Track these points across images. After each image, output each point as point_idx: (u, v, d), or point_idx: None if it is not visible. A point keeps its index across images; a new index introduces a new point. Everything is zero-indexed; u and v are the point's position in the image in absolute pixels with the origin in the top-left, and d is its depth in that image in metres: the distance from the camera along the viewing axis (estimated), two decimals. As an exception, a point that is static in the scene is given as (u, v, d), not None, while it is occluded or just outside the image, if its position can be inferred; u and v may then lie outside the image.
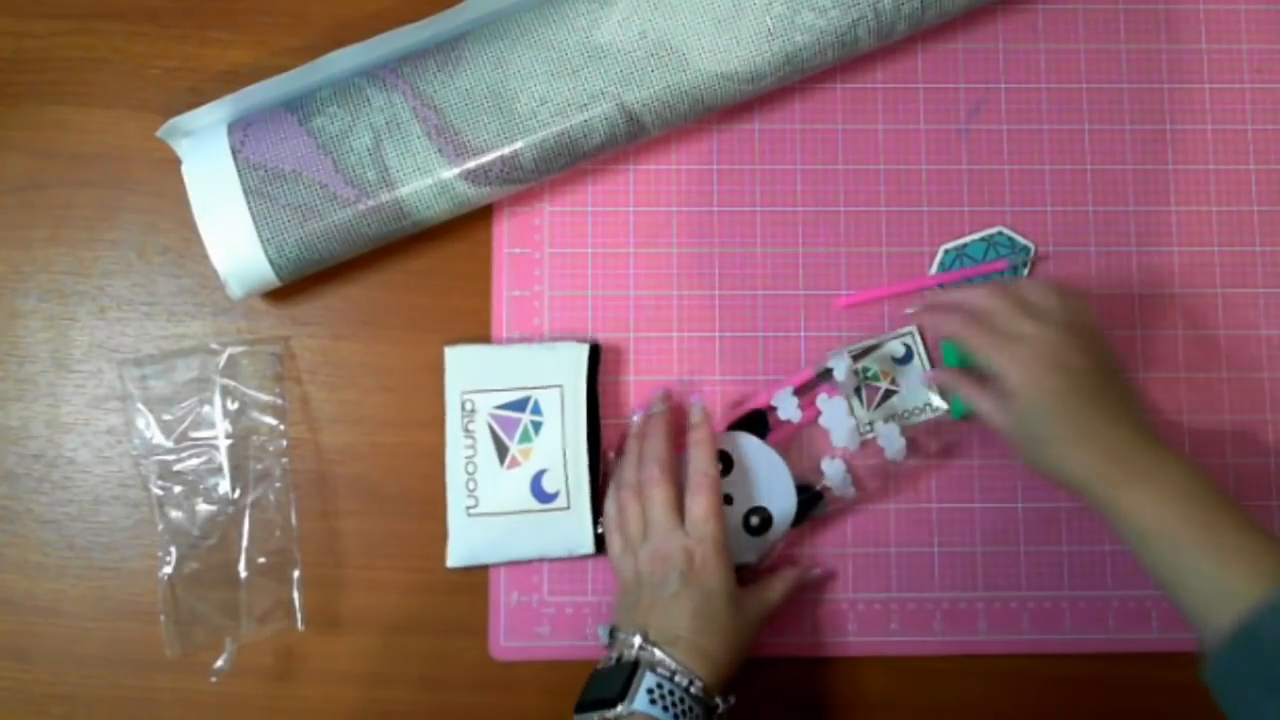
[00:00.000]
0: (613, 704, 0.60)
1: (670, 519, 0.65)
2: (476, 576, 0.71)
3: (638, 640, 0.62)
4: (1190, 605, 0.58)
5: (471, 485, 0.70)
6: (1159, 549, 0.58)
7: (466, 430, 0.70)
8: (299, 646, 0.71)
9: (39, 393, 0.72)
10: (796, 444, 0.71)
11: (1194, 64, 0.76)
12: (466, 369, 0.71)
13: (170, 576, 0.70)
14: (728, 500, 0.68)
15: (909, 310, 0.72)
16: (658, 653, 0.61)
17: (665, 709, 0.59)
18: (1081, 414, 0.61)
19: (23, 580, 0.71)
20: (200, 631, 0.69)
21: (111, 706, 0.70)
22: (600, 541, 0.69)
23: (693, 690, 0.60)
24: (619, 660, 0.62)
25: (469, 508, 0.70)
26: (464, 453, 0.70)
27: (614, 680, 0.61)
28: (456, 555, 0.70)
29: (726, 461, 0.69)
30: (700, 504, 0.65)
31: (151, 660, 0.70)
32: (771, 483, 0.69)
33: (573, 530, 0.69)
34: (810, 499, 0.69)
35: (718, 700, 0.62)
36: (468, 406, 0.70)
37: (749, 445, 0.70)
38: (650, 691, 0.60)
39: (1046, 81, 0.75)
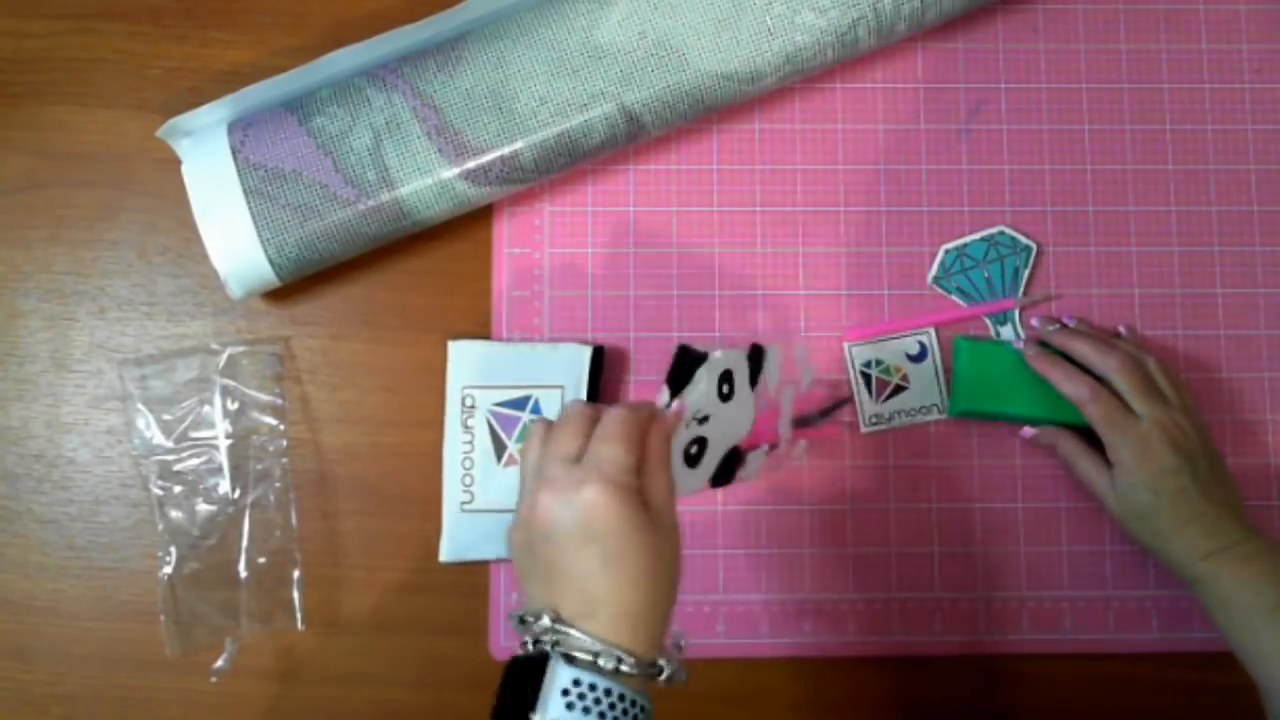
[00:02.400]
0: (524, 717, 0.49)
1: (568, 451, 0.54)
2: (476, 576, 0.71)
3: (547, 621, 0.51)
4: (1270, 682, 0.61)
5: (468, 481, 0.70)
6: (1251, 628, 0.62)
7: (465, 426, 0.70)
8: (299, 646, 0.71)
9: (39, 393, 0.72)
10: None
11: (1194, 64, 0.76)
12: (468, 364, 0.71)
13: (170, 576, 0.70)
14: (702, 421, 0.59)
15: (1046, 329, 0.71)
16: (573, 633, 0.50)
17: (586, 710, 0.49)
18: (1188, 495, 0.65)
19: (23, 580, 0.71)
20: (200, 631, 0.69)
21: (111, 706, 0.70)
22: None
23: (624, 669, 0.50)
24: (532, 650, 0.52)
25: (464, 503, 0.70)
26: (461, 448, 0.70)
27: (523, 683, 0.50)
28: (449, 550, 0.70)
29: (731, 387, 0.60)
30: (602, 428, 0.54)
31: (151, 660, 0.70)
32: (733, 429, 0.61)
33: (573, 530, 0.69)
34: (730, 463, 0.62)
35: (660, 662, 0.51)
36: (468, 402, 0.70)
37: (745, 386, 0.62)
38: (566, 693, 0.49)
39: (1046, 81, 0.75)
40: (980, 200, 0.74)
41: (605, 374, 0.72)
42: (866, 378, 0.72)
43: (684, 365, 0.57)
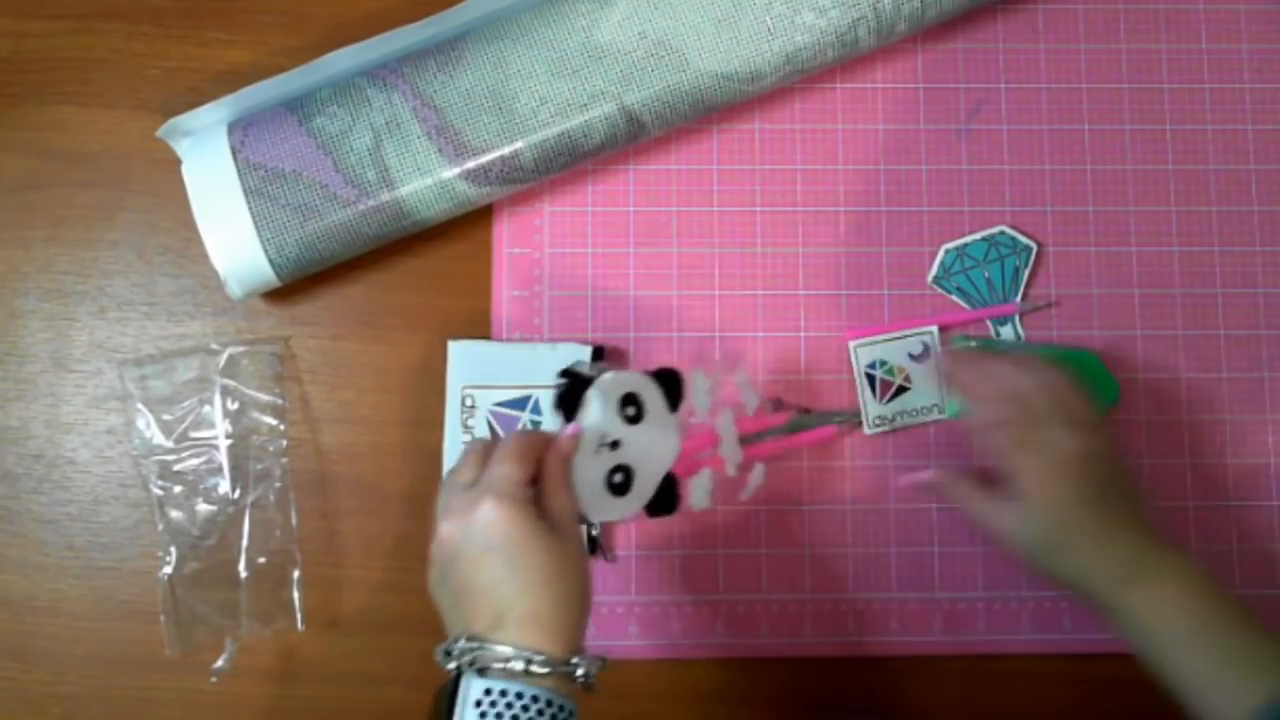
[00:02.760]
0: None
1: (466, 480, 0.56)
2: (476, 576, 0.71)
3: (463, 643, 0.52)
4: (1200, 707, 0.58)
5: (471, 485, 0.70)
6: (1167, 652, 0.59)
7: (465, 426, 0.70)
8: (299, 646, 0.70)
9: (39, 393, 0.72)
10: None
11: (1194, 64, 0.76)
12: (469, 364, 0.71)
13: (170, 576, 0.70)
14: (613, 446, 0.60)
15: (948, 347, 0.71)
16: (487, 646, 0.51)
17: (499, 716, 0.50)
18: (1095, 524, 0.61)
19: (23, 580, 0.71)
20: (200, 631, 0.69)
21: (111, 706, 0.70)
22: (594, 543, 0.69)
23: (534, 669, 0.51)
24: (454, 676, 0.53)
25: (468, 507, 0.70)
26: (461, 449, 0.70)
27: (443, 707, 0.52)
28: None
29: (639, 409, 0.61)
30: (495, 453, 0.56)
31: (151, 660, 0.70)
32: (657, 454, 0.62)
33: (573, 530, 0.69)
34: (669, 490, 0.63)
35: (575, 661, 0.52)
36: (468, 402, 0.71)
37: (660, 408, 0.62)
38: (479, 704, 0.50)
39: (1046, 81, 0.75)
40: (980, 200, 0.74)
41: (605, 374, 0.72)
42: (871, 379, 0.72)
43: (572, 388, 0.59)
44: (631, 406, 0.60)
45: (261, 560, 0.70)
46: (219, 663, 0.69)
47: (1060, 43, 0.76)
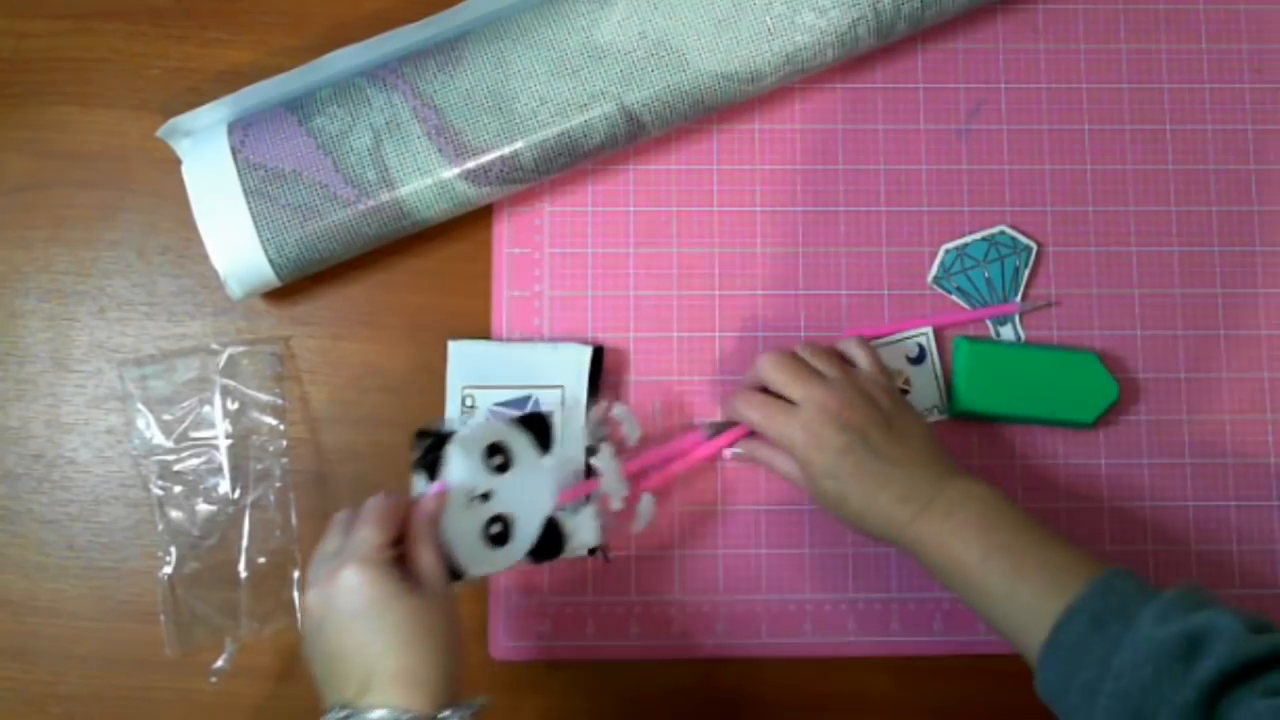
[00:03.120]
0: None
1: (329, 550, 0.58)
2: (476, 576, 0.71)
3: (335, 713, 0.53)
4: (1008, 630, 0.59)
5: (471, 485, 0.70)
6: (968, 581, 0.59)
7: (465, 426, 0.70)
8: (299, 646, 0.70)
9: (39, 393, 0.72)
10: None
11: (1194, 64, 0.76)
12: (469, 364, 0.71)
13: (170, 576, 0.70)
14: (484, 498, 0.61)
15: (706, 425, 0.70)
16: (356, 714, 0.52)
17: None
18: (869, 466, 0.62)
19: (23, 580, 0.71)
20: (200, 631, 0.69)
21: (111, 706, 0.70)
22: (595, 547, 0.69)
23: None
24: None
25: (467, 507, 0.70)
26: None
27: None
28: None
29: (506, 457, 0.63)
30: (358, 519, 0.58)
31: (151, 660, 0.70)
32: (533, 499, 0.63)
33: (572, 530, 0.69)
34: (552, 534, 0.63)
35: (444, 716, 0.53)
36: (468, 402, 0.71)
37: (530, 453, 0.64)
38: None
39: (1046, 81, 0.75)
40: (980, 200, 0.74)
41: (605, 374, 0.72)
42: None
43: (429, 447, 0.61)
44: (498, 456, 0.62)
45: (261, 560, 0.70)
46: (219, 663, 0.69)
47: (1060, 43, 0.76)
